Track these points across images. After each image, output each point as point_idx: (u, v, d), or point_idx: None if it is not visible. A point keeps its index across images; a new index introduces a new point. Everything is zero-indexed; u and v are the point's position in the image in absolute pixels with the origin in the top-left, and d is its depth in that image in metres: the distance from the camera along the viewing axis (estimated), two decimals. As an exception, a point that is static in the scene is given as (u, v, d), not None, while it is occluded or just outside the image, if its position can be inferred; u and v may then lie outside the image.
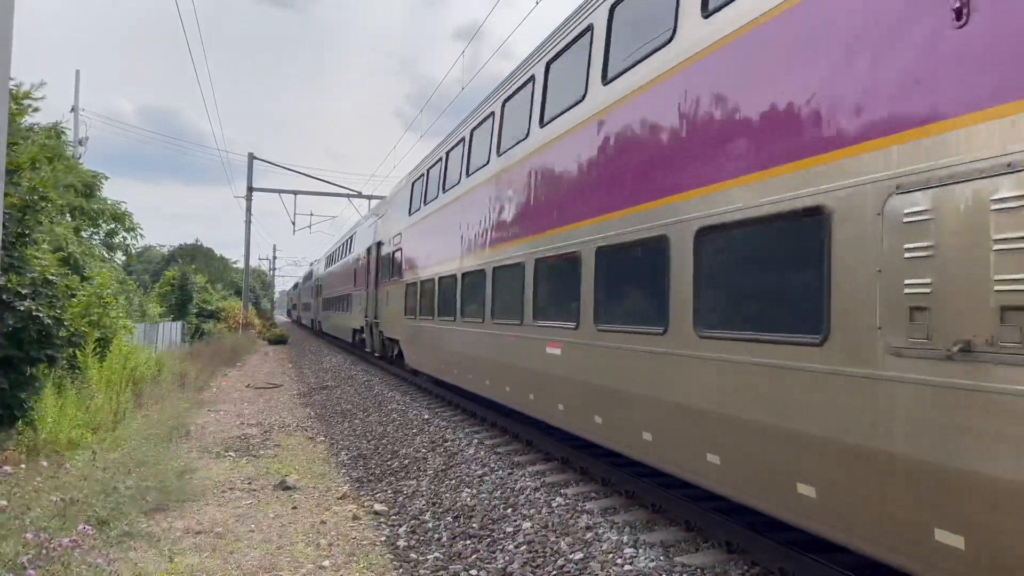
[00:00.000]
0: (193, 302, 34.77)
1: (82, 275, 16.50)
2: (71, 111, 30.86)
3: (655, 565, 5.74)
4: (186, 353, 24.44)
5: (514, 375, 9.93)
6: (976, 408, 3.54)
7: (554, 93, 9.00)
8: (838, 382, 4.33)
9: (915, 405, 3.85)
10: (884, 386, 4.03)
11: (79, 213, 23.04)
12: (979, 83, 3.60)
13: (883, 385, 4.03)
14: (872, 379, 4.11)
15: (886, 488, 4.02)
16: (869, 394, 4.12)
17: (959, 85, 3.70)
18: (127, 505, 6.98)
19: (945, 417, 3.69)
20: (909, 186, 3.91)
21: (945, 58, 3.78)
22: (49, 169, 15.33)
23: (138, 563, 5.99)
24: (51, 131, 21.65)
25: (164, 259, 62.96)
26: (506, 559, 6.23)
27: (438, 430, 11.99)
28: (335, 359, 28.63)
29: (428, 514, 7.75)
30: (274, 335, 44.93)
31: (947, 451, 3.67)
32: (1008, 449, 3.39)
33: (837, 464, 4.36)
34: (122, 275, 26.17)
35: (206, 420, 13.96)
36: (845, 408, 4.29)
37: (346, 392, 18.31)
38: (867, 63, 4.26)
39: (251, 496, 8.50)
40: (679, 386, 5.89)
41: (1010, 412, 3.39)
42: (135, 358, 15.16)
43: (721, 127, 5.52)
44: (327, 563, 6.31)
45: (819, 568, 5.09)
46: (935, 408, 3.74)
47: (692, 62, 5.95)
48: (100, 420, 10.83)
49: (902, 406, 3.92)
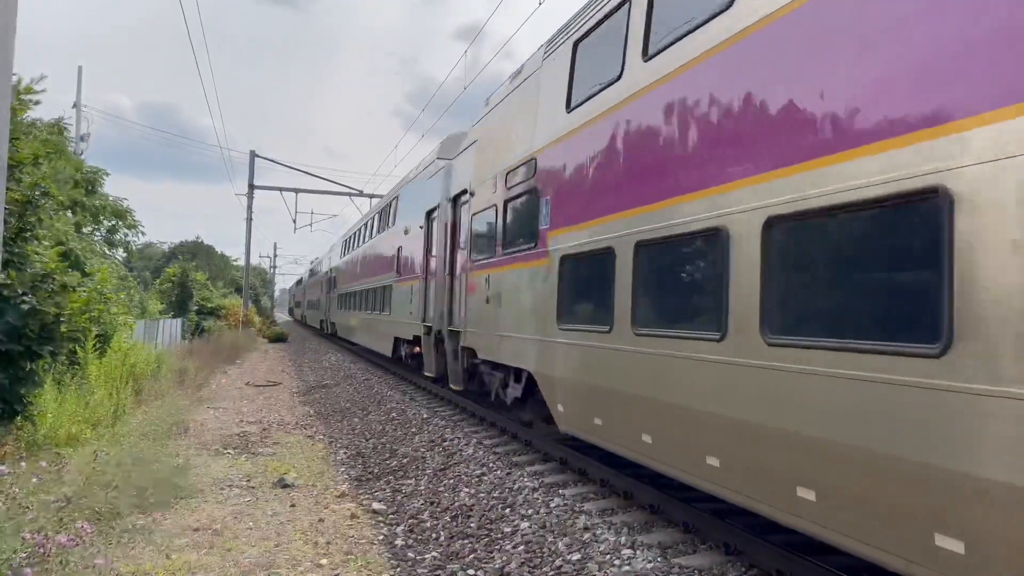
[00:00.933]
0: (193, 299, 34.80)
1: (83, 271, 16.51)
2: (73, 107, 30.90)
3: (653, 566, 5.74)
4: (186, 350, 24.46)
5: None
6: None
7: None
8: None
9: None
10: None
11: (80, 209, 23.05)
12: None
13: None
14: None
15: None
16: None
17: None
18: (125, 502, 6.98)
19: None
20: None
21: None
22: (49, 165, 15.34)
23: (136, 560, 6.00)
24: (53, 127, 21.69)
25: (165, 256, 63.09)
26: (504, 559, 6.23)
27: (437, 429, 11.99)
28: (334, 357, 28.63)
29: (426, 513, 7.75)
30: (274, 333, 45.03)
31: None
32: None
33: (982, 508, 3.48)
34: (123, 271, 26.19)
35: (205, 417, 13.97)
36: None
37: (345, 390, 18.32)
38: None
39: (249, 494, 8.51)
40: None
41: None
42: (135, 355, 15.17)
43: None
44: (325, 561, 6.32)
45: (817, 570, 5.09)
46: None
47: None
48: (99, 416, 10.84)
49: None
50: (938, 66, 3.89)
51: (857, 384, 4.15)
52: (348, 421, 13.94)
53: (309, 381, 21.36)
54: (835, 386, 4.31)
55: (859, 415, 4.14)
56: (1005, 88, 3.51)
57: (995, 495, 3.40)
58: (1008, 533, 3.37)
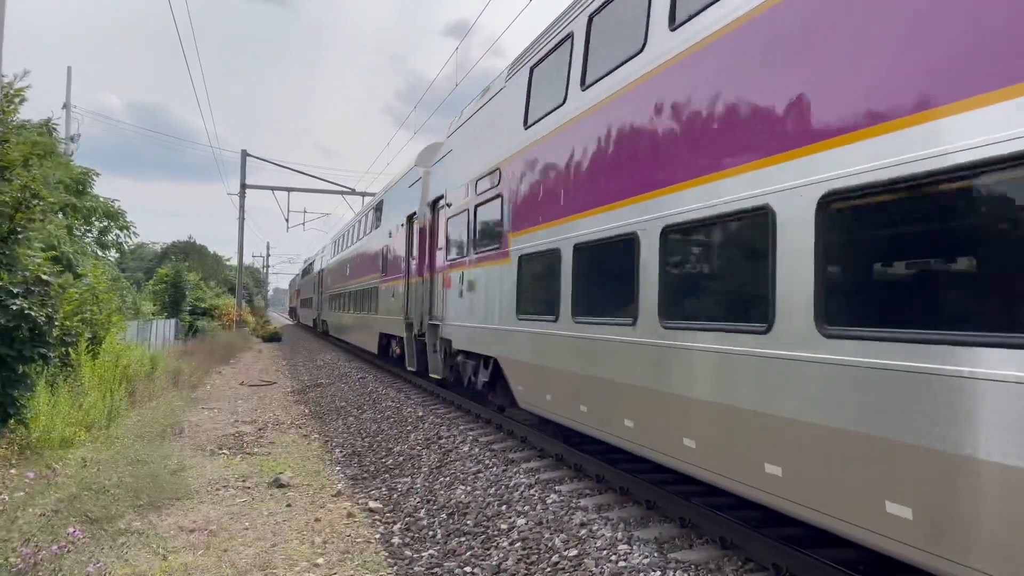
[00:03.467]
0: (187, 299, 34.67)
1: (75, 273, 16.43)
2: (63, 108, 30.73)
3: (649, 562, 5.74)
4: (180, 351, 24.39)
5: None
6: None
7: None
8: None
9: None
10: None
11: (71, 211, 22.93)
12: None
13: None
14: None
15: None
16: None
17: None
18: (120, 504, 6.96)
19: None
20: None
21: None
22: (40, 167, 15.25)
23: (131, 561, 5.98)
24: (43, 128, 21.57)
25: (157, 257, 62.79)
26: (500, 556, 6.23)
27: (432, 427, 11.98)
28: (328, 356, 28.58)
29: (423, 511, 7.75)
30: (268, 332, 44.97)
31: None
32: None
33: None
34: (115, 272, 26.07)
35: (200, 418, 13.93)
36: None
37: (340, 389, 18.29)
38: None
39: (245, 494, 8.48)
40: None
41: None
42: (128, 356, 15.12)
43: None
44: (321, 561, 6.30)
45: (813, 564, 5.10)
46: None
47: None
48: (93, 418, 10.80)
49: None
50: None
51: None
52: (343, 420, 13.91)
53: (304, 380, 21.32)
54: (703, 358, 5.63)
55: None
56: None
57: (802, 429, 4.65)
58: (807, 458, 4.62)
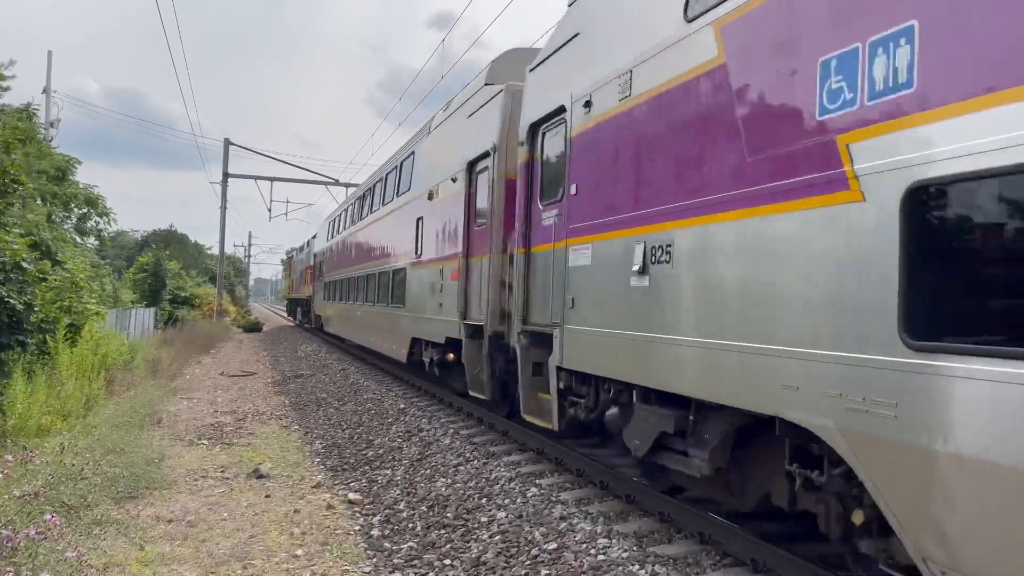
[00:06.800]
0: (167, 288, 34.36)
1: (54, 260, 16.23)
2: (43, 92, 30.31)
3: (628, 555, 5.77)
4: (159, 340, 24.18)
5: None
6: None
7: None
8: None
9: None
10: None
11: (51, 197, 22.65)
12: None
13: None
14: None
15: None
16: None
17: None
18: (96, 493, 6.89)
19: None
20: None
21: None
22: (22, 153, 15.03)
23: (108, 551, 5.93)
24: (22, 113, 21.26)
25: (138, 245, 62.13)
26: (480, 549, 6.24)
27: (414, 419, 11.97)
28: (310, 347, 28.45)
29: (403, 504, 7.74)
30: (248, 323, 44.67)
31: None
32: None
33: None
34: (95, 260, 25.79)
35: (179, 408, 13.83)
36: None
37: (321, 381, 18.21)
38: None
39: (224, 484, 8.44)
40: None
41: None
42: (107, 344, 14.97)
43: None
44: (300, 552, 6.28)
45: (790, 560, 5.15)
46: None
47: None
48: (71, 407, 10.69)
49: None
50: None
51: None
52: (324, 411, 13.86)
53: (284, 371, 21.20)
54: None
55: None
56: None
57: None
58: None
